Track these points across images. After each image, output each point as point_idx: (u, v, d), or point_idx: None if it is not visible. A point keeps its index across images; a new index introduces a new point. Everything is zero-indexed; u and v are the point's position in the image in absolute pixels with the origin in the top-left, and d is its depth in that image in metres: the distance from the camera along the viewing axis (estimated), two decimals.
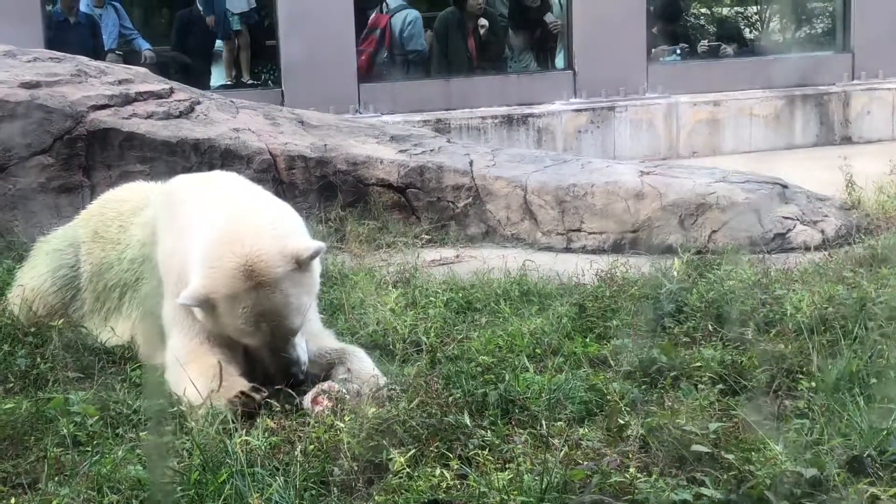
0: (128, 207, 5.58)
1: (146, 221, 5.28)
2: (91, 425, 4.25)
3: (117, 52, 12.22)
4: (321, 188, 8.07)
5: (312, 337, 4.84)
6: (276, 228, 4.77)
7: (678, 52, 14.11)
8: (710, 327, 5.30)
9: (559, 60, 13.56)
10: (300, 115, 9.07)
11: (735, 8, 16.74)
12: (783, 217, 7.87)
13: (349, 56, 12.40)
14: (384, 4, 13.25)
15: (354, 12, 12.47)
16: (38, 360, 5.01)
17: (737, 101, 13.36)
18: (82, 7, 12.39)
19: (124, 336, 5.29)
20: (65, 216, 7.10)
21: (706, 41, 15.27)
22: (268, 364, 4.62)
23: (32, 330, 5.35)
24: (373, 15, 13.29)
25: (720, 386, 4.55)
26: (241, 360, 4.73)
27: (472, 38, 13.28)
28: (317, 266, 4.79)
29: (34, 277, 5.71)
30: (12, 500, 3.73)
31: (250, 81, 12.91)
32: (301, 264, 4.61)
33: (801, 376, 4.65)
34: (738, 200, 7.85)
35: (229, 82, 12.83)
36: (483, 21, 13.23)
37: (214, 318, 4.59)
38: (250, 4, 12.83)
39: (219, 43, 13.15)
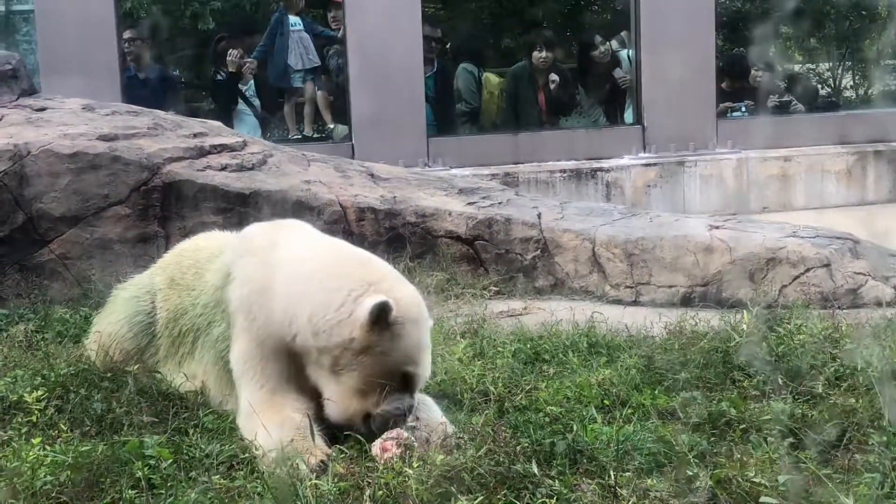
0: (204, 255, 5.66)
1: (219, 267, 5.36)
2: (165, 468, 4.31)
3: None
4: (390, 239, 8.16)
5: None
6: None
7: (743, 109, 14.07)
8: (780, 381, 5.27)
9: (628, 115, 13.60)
10: (370, 167, 9.18)
11: (807, 64, 16.69)
12: (854, 272, 7.81)
13: (419, 111, 12.54)
14: None
15: (424, 68, 12.62)
16: (114, 404, 5.10)
17: (808, 156, 13.29)
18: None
19: (197, 381, 5.36)
20: (140, 265, 7.23)
21: (777, 96, 15.23)
22: (384, 399, 4.58)
23: (108, 375, 5.45)
24: None
25: (790, 439, 4.52)
26: (313, 406, 4.76)
27: (543, 93, 13.37)
28: None
29: (111, 323, 5.81)
30: None
31: (314, 135, 13.03)
32: None
33: (872, 430, 4.60)
34: (808, 255, 7.80)
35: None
36: (553, 76, 13.32)
37: (382, 341, 4.57)
38: (313, 62, 12.99)
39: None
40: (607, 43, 13.80)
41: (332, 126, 13.28)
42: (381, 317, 4.54)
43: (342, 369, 4.64)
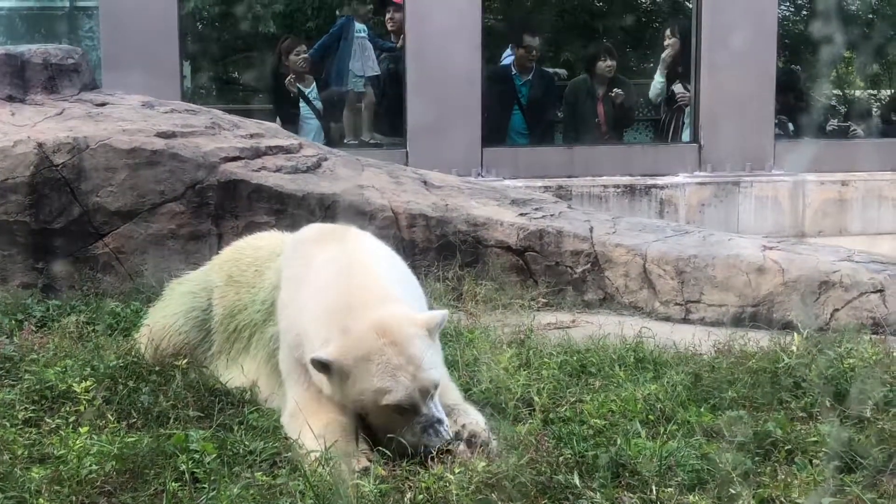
0: (263, 254, 5.73)
1: (278, 266, 5.43)
2: (208, 463, 4.36)
3: None
4: (440, 247, 8.17)
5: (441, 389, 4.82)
6: (402, 294, 4.91)
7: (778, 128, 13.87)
8: (829, 404, 5.22)
9: (685, 133, 13.53)
10: (423, 175, 9.19)
11: (868, 90, 16.54)
12: None
13: (474, 120, 12.54)
14: None
15: (482, 78, 12.64)
16: (161, 397, 5.16)
17: (865, 181, 13.16)
18: None
19: (250, 375, 5.41)
20: (192, 262, 7.32)
21: (836, 121, 15.11)
22: (407, 431, 4.51)
23: (157, 369, 5.52)
24: None
25: (836, 462, 4.47)
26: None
27: (602, 105, 13.35)
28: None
29: (166, 316, 5.89)
30: None
31: (371, 140, 13.04)
32: (430, 331, 4.70)
33: None
34: (862, 280, 7.72)
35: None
36: (618, 90, 13.30)
37: (346, 387, 4.58)
38: (374, 70, 13.05)
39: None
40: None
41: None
42: (324, 368, 4.58)
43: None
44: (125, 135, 7.99)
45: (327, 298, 4.79)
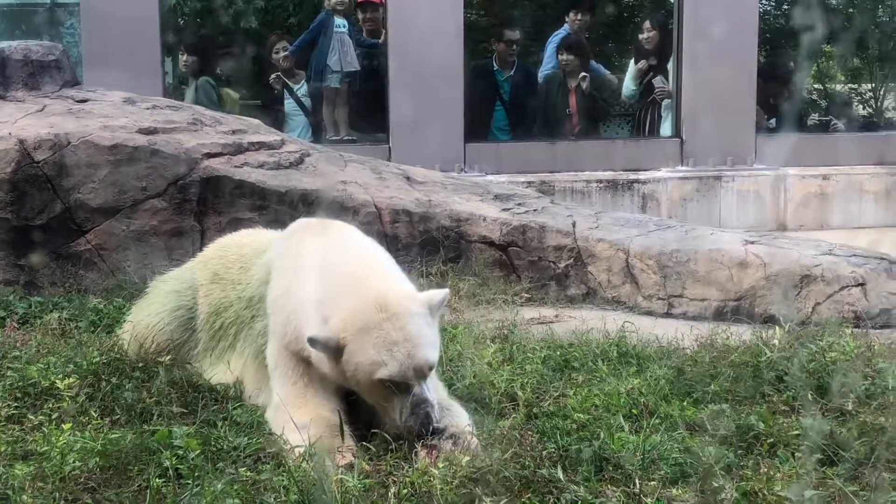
0: (248, 251, 5.71)
1: (264, 262, 5.41)
2: (192, 459, 4.34)
3: None
4: (423, 242, 8.17)
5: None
6: (400, 276, 4.93)
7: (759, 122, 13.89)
8: (810, 397, 5.24)
9: (666, 128, 13.56)
10: (406, 170, 9.20)
11: (849, 84, 16.60)
12: (889, 293, 7.74)
13: (457, 116, 12.55)
14: None
15: (464, 73, 12.64)
16: (144, 394, 5.15)
17: (847, 175, 13.22)
18: None
19: (237, 372, 5.40)
20: (175, 259, 7.33)
21: (817, 115, 15.17)
22: (396, 409, 4.50)
23: (140, 365, 5.50)
24: None
25: (817, 455, 4.49)
26: (343, 405, 4.77)
27: (574, 98, 13.36)
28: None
29: (150, 315, 5.85)
30: None
31: (346, 137, 12.99)
32: (431, 309, 4.68)
33: None
34: (843, 274, 7.75)
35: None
36: (584, 74, 13.30)
37: (342, 361, 4.55)
38: (352, 66, 13.01)
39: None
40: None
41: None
42: (325, 347, 4.55)
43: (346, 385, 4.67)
44: (107, 131, 7.96)
45: (326, 282, 4.77)
